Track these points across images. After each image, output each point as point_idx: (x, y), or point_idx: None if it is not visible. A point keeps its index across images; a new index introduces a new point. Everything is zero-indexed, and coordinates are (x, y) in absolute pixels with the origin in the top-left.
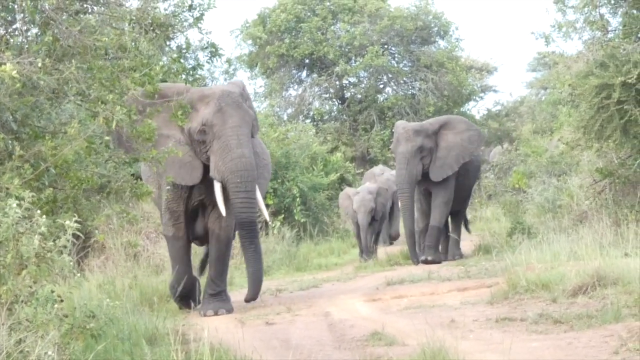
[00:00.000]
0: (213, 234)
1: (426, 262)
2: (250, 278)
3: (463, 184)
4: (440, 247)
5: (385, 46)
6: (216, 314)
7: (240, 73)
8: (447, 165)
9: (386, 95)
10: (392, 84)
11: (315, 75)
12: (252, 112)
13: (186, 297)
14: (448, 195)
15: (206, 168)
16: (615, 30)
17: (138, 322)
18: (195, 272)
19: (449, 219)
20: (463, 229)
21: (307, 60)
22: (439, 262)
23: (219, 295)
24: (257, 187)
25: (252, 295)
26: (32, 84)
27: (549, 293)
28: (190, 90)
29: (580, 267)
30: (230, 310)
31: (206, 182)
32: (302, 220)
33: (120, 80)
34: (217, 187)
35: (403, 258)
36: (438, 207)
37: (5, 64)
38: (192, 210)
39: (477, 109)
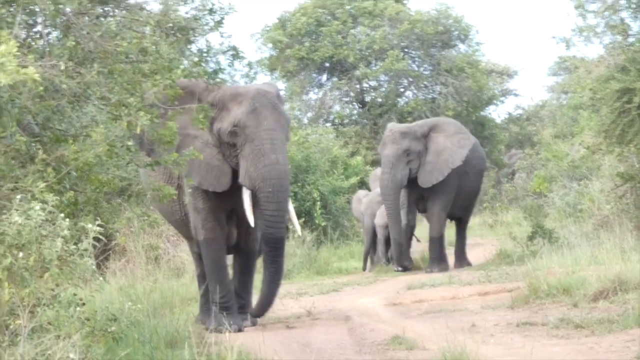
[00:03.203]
0: (238, 246)
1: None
2: (263, 297)
3: (462, 188)
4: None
5: (406, 50)
6: (240, 330)
7: (260, 77)
8: (437, 170)
9: (406, 99)
10: (412, 88)
11: (335, 78)
12: (287, 116)
13: (227, 308)
14: (445, 202)
15: (235, 173)
16: (636, 35)
17: (159, 325)
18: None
19: (455, 226)
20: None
21: (327, 64)
22: (446, 271)
23: (242, 309)
24: (289, 198)
25: (257, 313)
26: (54, 88)
27: (570, 298)
28: (222, 87)
29: (601, 272)
30: (254, 324)
31: (236, 188)
32: (323, 224)
33: (141, 84)
34: (246, 196)
35: (423, 262)
36: (435, 215)
37: (27, 67)
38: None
39: (497, 112)
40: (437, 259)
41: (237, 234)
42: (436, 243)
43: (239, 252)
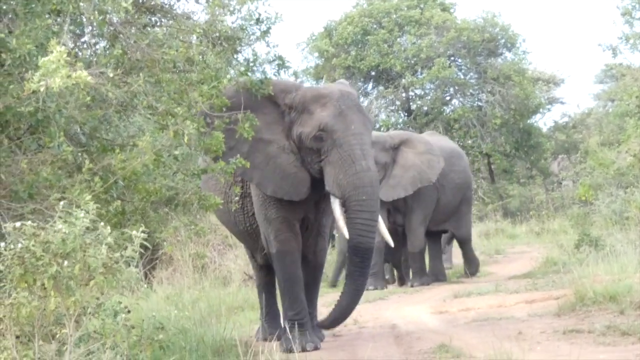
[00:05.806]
0: (306, 257)
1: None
2: (339, 308)
3: (439, 202)
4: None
5: (452, 58)
6: (304, 349)
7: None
8: (400, 186)
9: (453, 108)
10: (458, 96)
11: (381, 87)
12: (371, 118)
13: (302, 325)
14: (423, 215)
15: (314, 181)
16: None
17: (205, 334)
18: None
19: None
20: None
21: (373, 73)
22: (427, 285)
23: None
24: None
25: (329, 324)
26: (101, 97)
27: (617, 305)
28: (301, 88)
29: None
30: (318, 344)
31: (311, 197)
32: None
33: (188, 93)
34: (336, 205)
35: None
36: (413, 230)
37: (77, 71)
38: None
39: (543, 120)
40: (418, 272)
41: (304, 244)
42: (417, 257)
43: (306, 263)
